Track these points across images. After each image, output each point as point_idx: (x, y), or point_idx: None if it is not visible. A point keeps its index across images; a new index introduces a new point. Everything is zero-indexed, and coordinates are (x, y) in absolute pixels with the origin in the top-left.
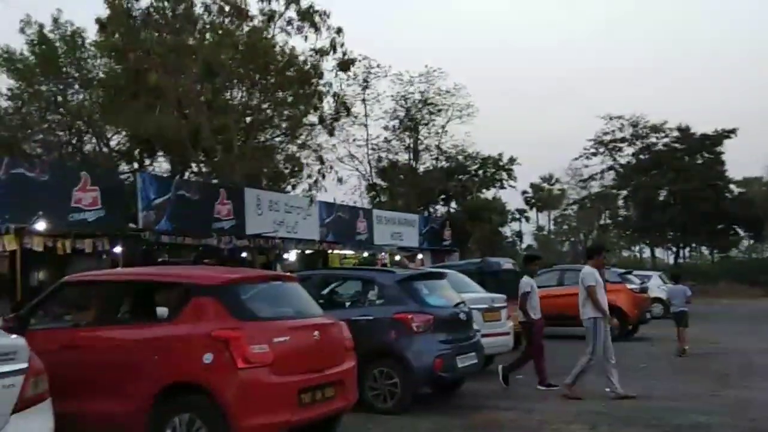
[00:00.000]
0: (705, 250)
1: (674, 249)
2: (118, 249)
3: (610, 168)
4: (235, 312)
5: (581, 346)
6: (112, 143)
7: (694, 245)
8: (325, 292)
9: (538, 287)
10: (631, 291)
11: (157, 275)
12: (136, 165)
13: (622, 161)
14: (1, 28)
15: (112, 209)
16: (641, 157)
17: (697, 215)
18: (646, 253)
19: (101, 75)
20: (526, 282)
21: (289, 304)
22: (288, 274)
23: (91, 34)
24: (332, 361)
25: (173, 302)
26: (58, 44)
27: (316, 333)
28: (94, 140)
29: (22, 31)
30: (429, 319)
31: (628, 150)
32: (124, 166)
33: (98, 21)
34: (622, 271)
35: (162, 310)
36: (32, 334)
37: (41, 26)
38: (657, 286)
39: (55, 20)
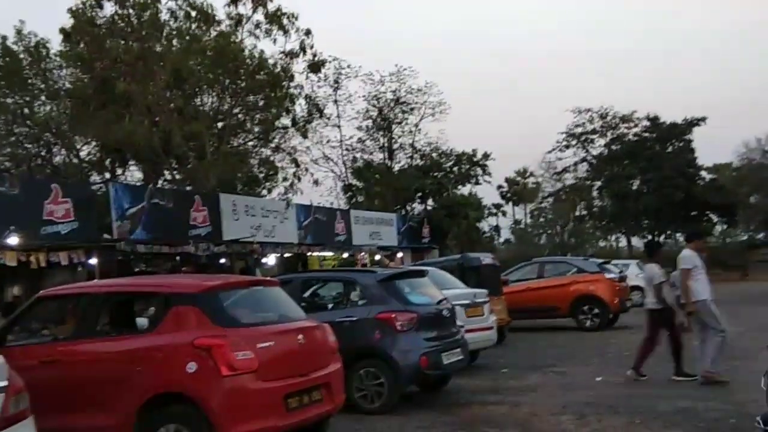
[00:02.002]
0: (680, 237)
1: (650, 237)
2: (93, 260)
3: (583, 160)
4: (217, 319)
5: (563, 337)
6: (82, 154)
7: (668, 232)
8: (306, 294)
9: (517, 281)
10: (611, 280)
11: (135, 285)
12: (107, 175)
13: (595, 153)
14: None
15: (86, 221)
16: (613, 147)
17: (671, 203)
18: (623, 242)
19: (68, 85)
20: (658, 272)
21: (272, 309)
22: (269, 278)
23: (56, 44)
24: (318, 364)
25: (153, 312)
26: (22, 56)
27: (300, 336)
28: (63, 152)
29: None
30: (412, 318)
31: (600, 141)
32: (95, 177)
33: (62, 31)
34: (601, 261)
35: (142, 321)
36: (10, 350)
37: (4, 38)
38: (635, 275)
39: (19, 32)
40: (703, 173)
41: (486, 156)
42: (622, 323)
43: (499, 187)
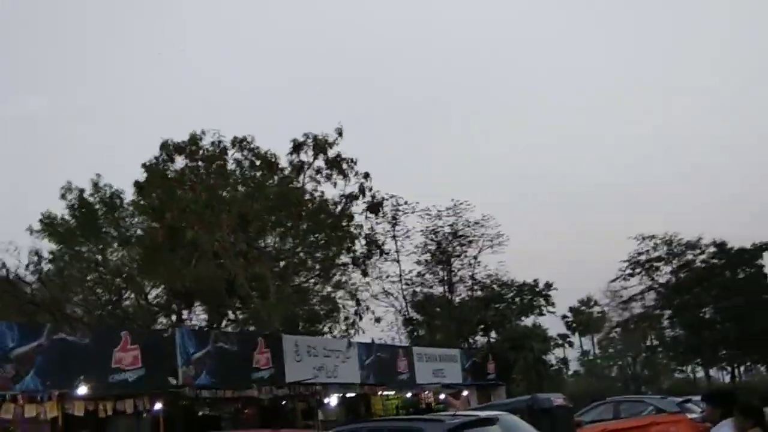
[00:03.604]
0: (762, 369)
1: (729, 368)
2: (158, 406)
3: (650, 288)
4: None
5: None
6: (150, 297)
7: (749, 363)
8: None
9: (591, 422)
10: (693, 421)
11: None
12: (174, 317)
13: (662, 280)
14: (41, 195)
15: (153, 367)
16: (680, 275)
17: (751, 331)
18: (700, 373)
19: (139, 232)
20: None
21: None
22: None
23: (129, 194)
24: None
25: None
26: (97, 206)
27: None
28: (132, 296)
29: (63, 197)
30: None
31: (666, 268)
32: (162, 319)
33: (137, 183)
34: (680, 399)
35: None
36: None
37: (81, 191)
38: None
39: (95, 184)
40: None
41: (548, 286)
42: None
43: (564, 316)
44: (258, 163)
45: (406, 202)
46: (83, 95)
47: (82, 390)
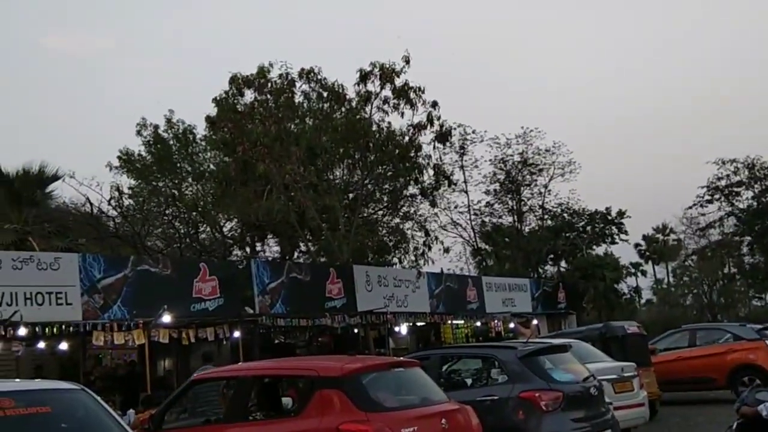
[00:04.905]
0: None
1: None
2: (237, 334)
3: (730, 214)
4: (361, 403)
5: (721, 410)
6: (225, 230)
7: None
8: (444, 370)
9: (666, 350)
10: None
11: (282, 368)
12: (248, 249)
13: (742, 206)
14: (119, 132)
15: (230, 296)
16: (763, 199)
17: None
18: None
19: (212, 167)
20: None
21: (413, 391)
22: (410, 359)
23: (201, 129)
24: None
25: (298, 395)
26: (171, 142)
27: (443, 421)
28: (208, 229)
29: (138, 133)
30: (558, 397)
31: (747, 193)
32: (237, 251)
33: (208, 118)
34: (759, 326)
35: (287, 400)
36: None
37: (156, 127)
38: None
39: (168, 120)
40: None
41: (621, 214)
42: None
43: (637, 245)
44: (325, 94)
45: (474, 131)
46: (152, 32)
47: (166, 318)
